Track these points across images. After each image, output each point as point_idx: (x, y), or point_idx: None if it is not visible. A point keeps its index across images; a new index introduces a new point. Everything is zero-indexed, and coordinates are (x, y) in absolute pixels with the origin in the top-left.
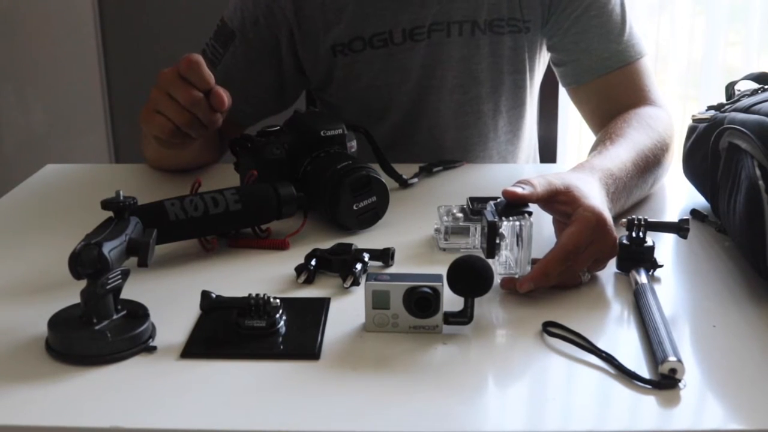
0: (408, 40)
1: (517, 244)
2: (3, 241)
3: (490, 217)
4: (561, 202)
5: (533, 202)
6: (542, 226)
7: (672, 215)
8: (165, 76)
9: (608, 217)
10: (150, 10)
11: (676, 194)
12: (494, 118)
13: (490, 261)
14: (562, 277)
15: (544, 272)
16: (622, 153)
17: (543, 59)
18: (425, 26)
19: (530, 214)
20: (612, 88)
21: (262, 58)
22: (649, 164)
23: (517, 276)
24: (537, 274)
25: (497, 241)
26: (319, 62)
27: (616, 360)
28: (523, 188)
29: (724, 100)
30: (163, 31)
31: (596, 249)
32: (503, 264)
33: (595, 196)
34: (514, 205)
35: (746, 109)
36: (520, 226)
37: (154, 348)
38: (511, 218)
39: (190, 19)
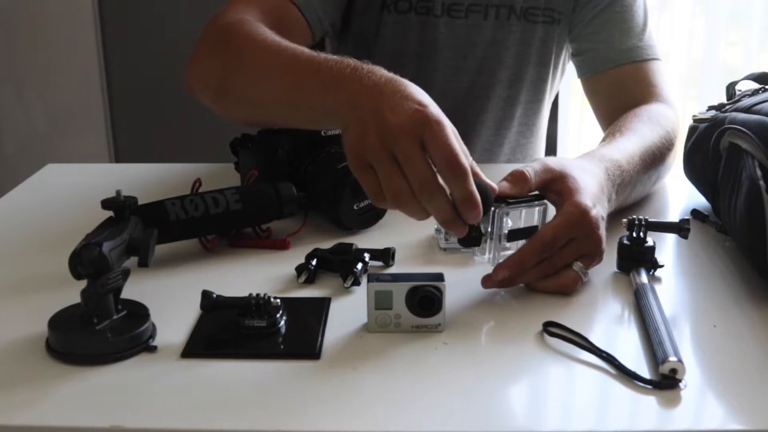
0: (445, 15)
1: (491, 234)
2: (3, 241)
3: None
4: (554, 191)
5: (527, 193)
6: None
7: (673, 215)
8: (400, 130)
9: (596, 213)
10: (150, 10)
11: (677, 194)
12: (512, 107)
13: (477, 257)
14: (542, 269)
15: (519, 261)
16: (631, 146)
17: (566, 60)
18: (464, 4)
19: (507, 203)
20: (625, 81)
21: None
22: (655, 160)
23: None
24: (512, 263)
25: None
26: (369, 10)
27: (617, 360)
28: (515, 185)
29: (724, 100)
30: (163, 31)
31: (580, 245)
32: (490, 258)
33: (589, 191)
34: (500, 200)
35: (747, 109)
36: (493, 215)
37: (155, 348)
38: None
39: (190, 19)
